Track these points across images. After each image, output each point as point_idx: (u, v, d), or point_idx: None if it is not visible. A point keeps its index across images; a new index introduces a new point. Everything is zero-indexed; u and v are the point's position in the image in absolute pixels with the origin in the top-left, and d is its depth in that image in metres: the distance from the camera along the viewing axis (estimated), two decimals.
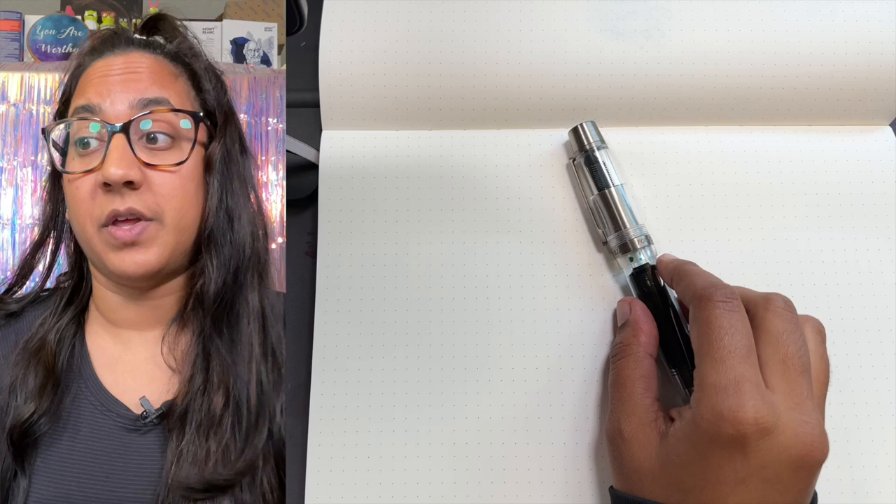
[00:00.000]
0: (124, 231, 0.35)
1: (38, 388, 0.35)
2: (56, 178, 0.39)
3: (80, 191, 0.35)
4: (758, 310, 0.33)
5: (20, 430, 0.35)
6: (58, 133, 0.37)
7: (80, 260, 0.39)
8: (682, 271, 0.37)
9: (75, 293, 0.39)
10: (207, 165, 0.37)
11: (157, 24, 0.40)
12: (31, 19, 1.10)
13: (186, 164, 0.36)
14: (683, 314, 0.38)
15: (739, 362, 0.31)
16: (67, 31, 1.09)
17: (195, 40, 0.40)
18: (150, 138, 0.36)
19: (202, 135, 0.38)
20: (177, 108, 0.36)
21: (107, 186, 0.34)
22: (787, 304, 0.34)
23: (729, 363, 0.31)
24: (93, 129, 0.35)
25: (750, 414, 0.30)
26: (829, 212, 0.43)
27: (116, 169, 0.34)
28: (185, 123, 0.37)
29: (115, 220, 0.35)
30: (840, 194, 0.43)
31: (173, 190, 0.36)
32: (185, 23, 0.40)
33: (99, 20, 1.17)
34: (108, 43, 0.38)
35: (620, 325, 0.39)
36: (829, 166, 0.43)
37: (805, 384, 0.32)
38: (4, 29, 1.08)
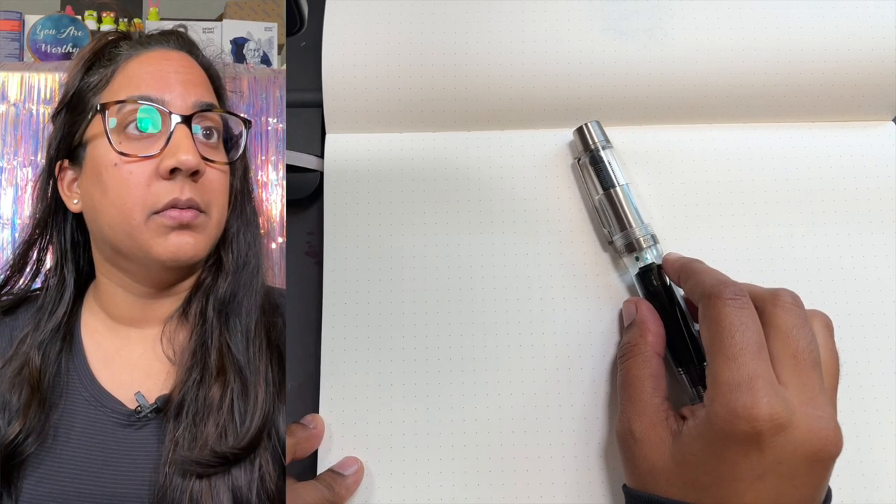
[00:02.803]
0: (179, 212, 0.35)
1: (23, 406, 0.35)
2: (50, 176, 0.38)
3: (133, 176, 0.35)
4: (766, 306, 0.33)
5: (6, 451, 0.34)
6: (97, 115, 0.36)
7: (62, 262, 0.39)
8: (689, 269, 0.37)
9: (60, 297, 0.39)
10: (232, 171, 0.39)
11: (174, 39, 0.40)
12: (31, 19, 1.10)
13: (225, 166, 0.37)
14: (690, 312, 0.38)
15: (751, 359, 0.31)
16: (67, 31, 1.09)
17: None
18: (207, 135, 0.36)
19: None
20: (229, 112, 0.38)
21: (171, 174, 0.34)
22: (795, 300, 0.34)
23: (741, 360, 0.31)
24: (157, 116, 0.35)
25: (764, 410, 0.30)
26: (835, 207, 0.43)
27: (191, 156, 0.34)
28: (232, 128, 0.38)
29: (170, 207, 0.35)
30: (845, 189, 0.43)
31: (221, 187, 0.37)
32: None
33: (99, 20, 1.17)
34: (158, 39, 0.38)
35: (627, 326, 0.39)
36: (834, 162, 0.43)
37: (816, 378, 0.32)
38: (4, 29, 1.07)
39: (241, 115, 0.38)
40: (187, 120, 0.35)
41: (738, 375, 0.31)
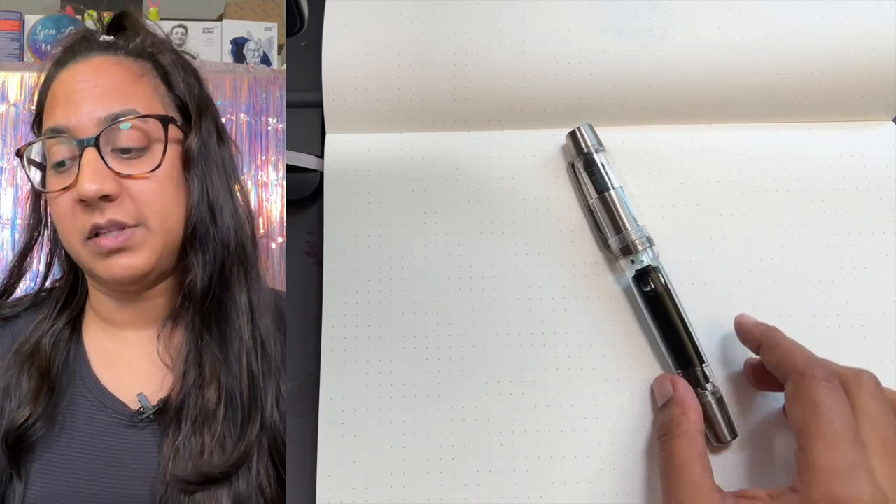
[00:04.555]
0: (109, 240, 0.34)
1: (32, 392, 0.35)
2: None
3: (60, 207, 0.35)
4: (851, 388, 0.33)
5: (15, 434, 0.35)
6: (35, 151, 0.37)
7: (73, 265, 0.39)
8: (773, 340, 0.36)
9: (70, 297, 0.39)
10: (185, 162, 0.37)
11: (121, 23, 0.39)
12: (31, 19, 1.09)
13: (163, 167, 0.36)
14: (762, 377, 0.38)
15: (851, 446, 0.30)
16: (67, 31, 1.09)
17: (161, 34, 0.39)
18: (123, 149, 0.35)
19: (176, 133, 0.37)
20: (143, 113, 0.36)
21: (84, 202, 0.34)
22: (878, 383, 0.33)
23: (842, 447, 0.30)
24: (64, 146, 0.35)
25: (868, 502, 0.29)
26: (835, 207, 0.42)
27: (90, 184, 0.34)
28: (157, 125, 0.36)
29: (97, 232, 0.35)
30: (844, 190, 0.43)
31: (153, 195, 0.35)
32: (169, 22, 0.40)
33: (99, 20, 1.17)
34: (70, 52, 0.37)
35: (663, 404, 0.38)
36: (833, 162, 0.43)
37: None
38: (4, 29, 1.07)
39: (156, 109, 0.36)
40: (95, 142, 0.34)
41: (838, 463, 0.30)
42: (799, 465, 0.32)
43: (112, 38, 0.38)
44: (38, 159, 0.38)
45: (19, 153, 0.37)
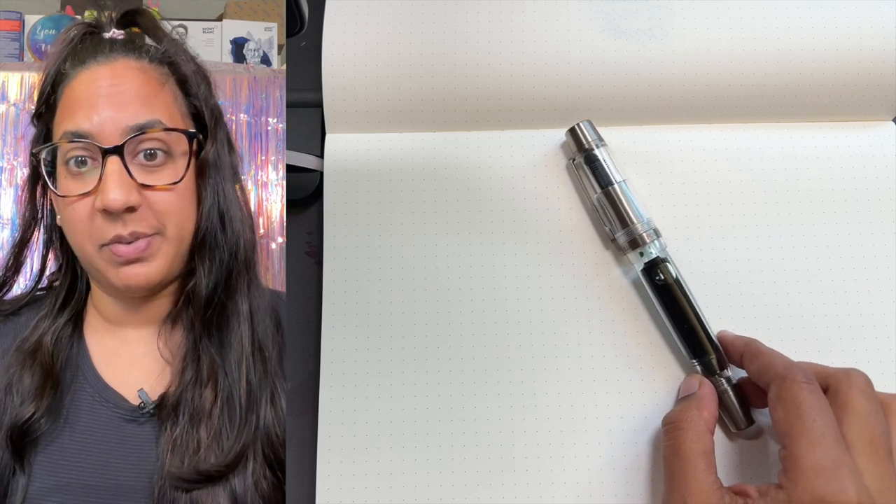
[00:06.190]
0: (127, 248, 0.34)
1: (36, 389, 0.35)
2: (36, 183, 0.38)
3: (76, 213, 0.35)
4: (840, 386, 0.33)
5: (19, 430, 0.35)
6: (44, 152, 0.36)
7: (72, 260, 0.39)
8: (754, 350, 0.37)
9: (70, 294, 0.39)
10: (200, 171, 0.37)
11: (135, 19, 0.38)
12: (31, 19, 1.09)
13: (184, 179, 0.36)
14: (749, 398, 0.38)
15: (834, 444, 0.31)
16: None
17: (180, 38, 0.39)
18: (148, 155, 0.35)
19: (195, 144, 0.37)
20: (169, 126, 0.35)
21: (106, 212, 0.34)
22: (868, 383, 0.34)
23: (825, 445, 0.31)
24: (83, 150, 0.34)
25: (853, 499, 0.29)
26: (835, 207, 0.43)
27: (117, 196, 0.33)
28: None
29: (115, 242, 0.34)
30: (844, 190, 0.43)
31: (172, 206, 0.35)
32: (169, 22, 0.39)
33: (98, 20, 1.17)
34: (91, 51, 0.36)
35: (681, 398, 0.38)
36: (833, 162, 0.43)
37: (890, 467, 0.31)
38: (4, 29, 1.07)
39: (178, 120, 0.36)
40: (119, 150, 0.34)
41: (822, 460, 0.30)
42: (784, 464, 0.32)
43: (122, 33, 0.38)
44: (47, 159, 0.37)
45: (35, 155, 0.36)
